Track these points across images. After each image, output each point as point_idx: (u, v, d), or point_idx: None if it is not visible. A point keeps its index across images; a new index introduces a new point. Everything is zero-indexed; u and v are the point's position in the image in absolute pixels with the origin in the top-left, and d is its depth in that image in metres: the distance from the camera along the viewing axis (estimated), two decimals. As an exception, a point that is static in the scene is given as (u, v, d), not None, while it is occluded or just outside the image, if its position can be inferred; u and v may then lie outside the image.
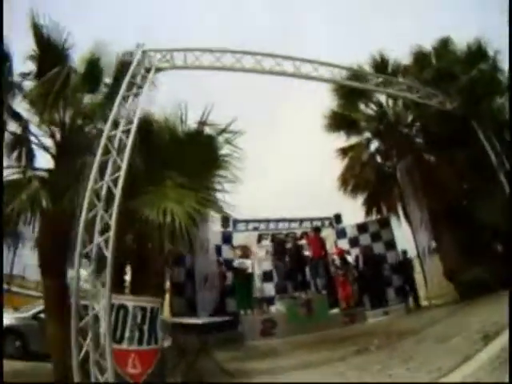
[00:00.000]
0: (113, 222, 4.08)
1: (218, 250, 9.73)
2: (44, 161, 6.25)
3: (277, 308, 9.01)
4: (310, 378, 4.94)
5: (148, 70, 5.43)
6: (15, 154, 6.09)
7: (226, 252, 9.74)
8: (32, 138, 6.12)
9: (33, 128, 6.09)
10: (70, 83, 5.55)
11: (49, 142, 6.18)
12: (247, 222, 10.32)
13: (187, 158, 5.91)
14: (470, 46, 9.52)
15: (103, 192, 4.29)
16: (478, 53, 9.34)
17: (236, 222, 9.75)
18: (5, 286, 13.51)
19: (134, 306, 4.17)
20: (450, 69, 9.04)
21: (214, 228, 8.99)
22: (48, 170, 6.01)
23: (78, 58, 6.18)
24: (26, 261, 13.09)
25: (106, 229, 4.17)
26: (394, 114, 10.52)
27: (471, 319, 6.33)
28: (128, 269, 6.32)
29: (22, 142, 6.12)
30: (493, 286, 8.16)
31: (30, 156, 6.21)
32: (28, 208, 4.92)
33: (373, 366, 5.06)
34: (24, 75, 6.13)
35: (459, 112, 7.98)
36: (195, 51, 5.77)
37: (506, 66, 8.73)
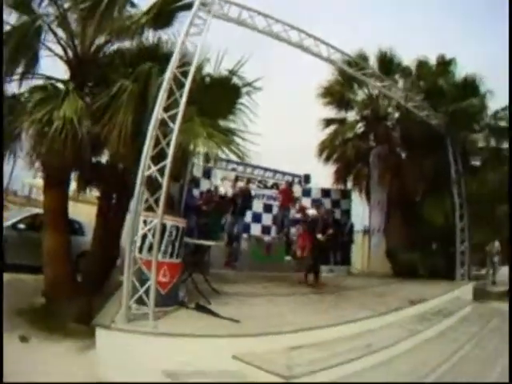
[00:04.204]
0: (170, 152, 4.74)
1: (197, 182, 11.02)
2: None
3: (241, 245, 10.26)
4: (278, 303, 6.28)
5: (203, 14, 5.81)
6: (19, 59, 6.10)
7: (204, 184, 11.07)
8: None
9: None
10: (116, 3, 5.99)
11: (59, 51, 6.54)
12: (227, 161, 11.40)
13: (210, 100, 6.56)
14: (468, 77, 11.23)
15: (157, 123, 4.85)
16: (472, 85, 11.08)
17: (217, 160, 10.74)
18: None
19: (171, 225, 5.02)
20: (444, 90, 10.83)
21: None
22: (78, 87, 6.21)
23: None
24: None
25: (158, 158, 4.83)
26: (384, 107, 12.15)
27: (401, 289, 8.68)
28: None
29: (30, 46, 6.13)
30: (422, 271, 10.76)
31: (34, 63, 6.34)
32: (68, 128, 5.34)
33: (328, 302, 6.69)
34: None
35: (439, 129, 9.73)
36: (251, 11, 6.42)
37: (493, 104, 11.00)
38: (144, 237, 4.79)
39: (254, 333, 4.47)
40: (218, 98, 6.77)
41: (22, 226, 8.43)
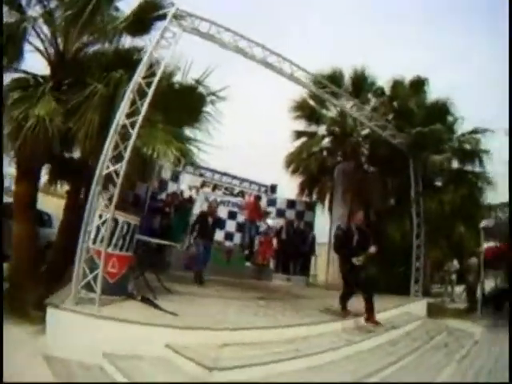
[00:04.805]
0: (126, 155, 5.42)
1: (165, 184, 11.77)
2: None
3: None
4: (225, 305, 6.71)
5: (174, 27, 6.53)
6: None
7: (172, 187, 11.78)
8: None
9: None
10: (100, 9, 6.63)
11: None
12: (197, 166, 12.13)
13: (177, 107, 7.34)
14: (438, 101, 12.25)
15: (119, 128, 5.55)
16: (442, 109, 12.09)
17: (186, 164, 11.44)
18: None
19: (123, 220, 5.69)
20: (413, 111, 11.75)
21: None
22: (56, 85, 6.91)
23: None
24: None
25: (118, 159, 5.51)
26: (352, 124, 12.86)
27: (352, 301, 8.68)
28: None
29: (17, 44, 6.60)
30: (380, 286, 11.03)
31: (19, 59, 6.84)
32: (41, 125, 5.97)
33: (274, 308, 7.00)
34: None
35: (402, 148, 10.49)
36: (220, 27, 7.08)
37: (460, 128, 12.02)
38: (98, 229, 5.46)
39: (189, 326, 4.99)
40: (184, 105, 7.53)
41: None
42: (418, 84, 13.07)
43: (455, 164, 12.58)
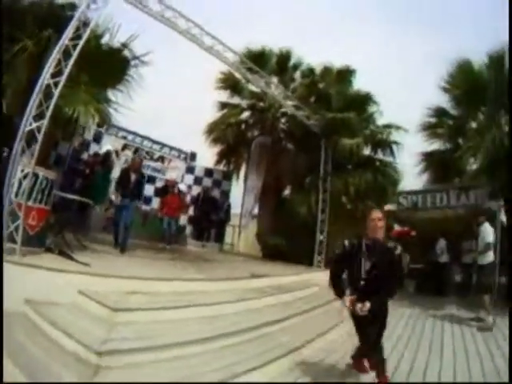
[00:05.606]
0: (48, 114, 5.93)
1: (87, 144, 12.10)
2: None
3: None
4: (134, 261, 7.48)
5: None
6: None
7: (93, 148, 12.10)
8: None
9: None
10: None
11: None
12: (119, 129, 12.79)
13: (102, 68, 7.83)
14: (359, 91, 13.56)
15: (43, 87, 5.97)
16: (361, 102, 13.36)
17: (110, 125, 11.86)
18: None
19: (43, 175, 6.15)
20: (332, 97, 12.93)
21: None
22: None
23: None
24: None
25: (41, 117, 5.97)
26: (272, 100, 13.60)
27: (255, 266, 10.16)
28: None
29: None
30: (288, 257, 12.46)
31: None
32: None
33: (178, 266, 7.86)
34: None
35: (314, 129, 11.60)
36: None
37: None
38: (20, 184, 5.93)
39: (99, 273, 5.62)
40: (108, 67, 8.08)
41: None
42: (346, 73, 14.24)
43: (367, 151, 13.98)
